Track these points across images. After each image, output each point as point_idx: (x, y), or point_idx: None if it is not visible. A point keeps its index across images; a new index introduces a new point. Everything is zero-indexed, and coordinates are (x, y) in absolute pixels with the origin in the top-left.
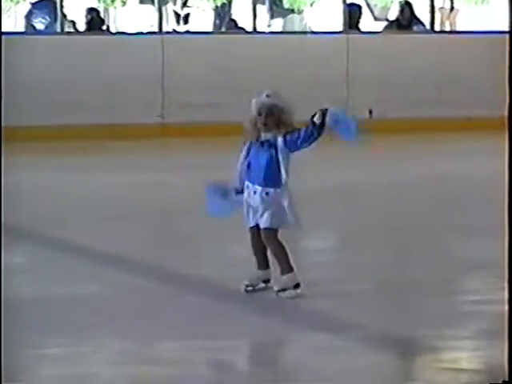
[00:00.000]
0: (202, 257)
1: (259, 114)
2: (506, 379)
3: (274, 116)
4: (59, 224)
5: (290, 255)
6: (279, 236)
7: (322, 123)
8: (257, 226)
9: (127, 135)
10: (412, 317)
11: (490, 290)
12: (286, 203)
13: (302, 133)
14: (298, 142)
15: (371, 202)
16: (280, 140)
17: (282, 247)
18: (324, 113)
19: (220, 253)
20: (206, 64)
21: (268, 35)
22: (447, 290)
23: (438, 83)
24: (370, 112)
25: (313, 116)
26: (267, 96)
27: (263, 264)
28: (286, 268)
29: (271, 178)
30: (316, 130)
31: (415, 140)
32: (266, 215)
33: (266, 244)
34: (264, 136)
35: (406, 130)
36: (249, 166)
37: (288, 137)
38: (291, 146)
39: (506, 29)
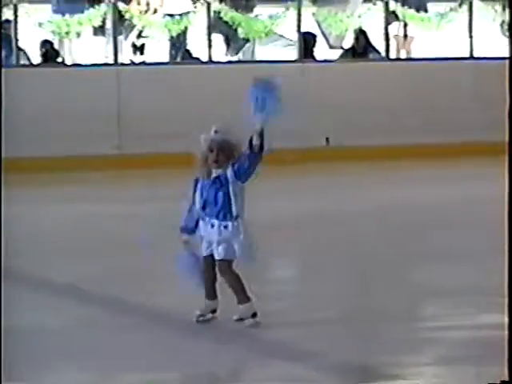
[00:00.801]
0: (161, 289)
1: (210, 150)
2: (506, 379)
3: (224, 152)
4: (18, 256)
5: (245, 285)
6: (234, 267)
7: (261, 144)
8: (210, 256)
9: (85, 166)
10: (373, 345)
11: (448, 316)
12: (241, 236)
13: (247, 159)
14: (247, 169)
15: (330, 231)
16: (230, 174)
17: (238, 278)
18: (261, 133)
19: (179, 284)
20: (162, 94)
21: (223, 65)
22: (407, 316)
23: (395, 110)
24: (327, 140)
25: (251, 139)
26: (215, 132)
27: (211, 294)
28: (243, 298)
29: (227, 211)
30: (257, 152)
31: (372, 168)
32: (220, 247)
33: (221, 275)
34: (215, 172)
35: (363, 157)
36: (204, 202)
37: (236, 167)
38: (241, 177)
39: (461, 55)
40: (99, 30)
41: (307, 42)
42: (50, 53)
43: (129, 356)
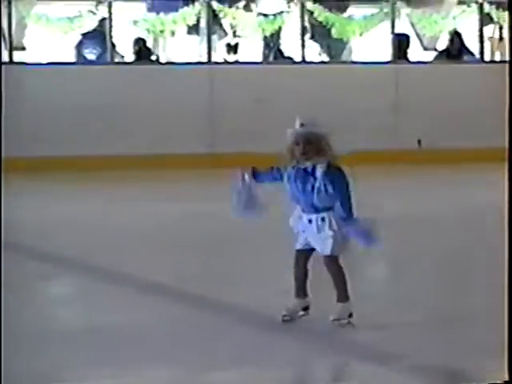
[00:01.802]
0: (247, 287)
1: (297, 143)
2: (506, 379)
3: (312, 145)
4: (105, 254)
5: (348, 283)
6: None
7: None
8: (306, 250)
9: (176, 165)
10: (459, 348)
11: None
12: (336, 226)
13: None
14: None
15: (420, 233)
16: (320, 171)
17: (343, 274)
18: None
19: (267, 282)
20: (255, 94)
21: (316, 65)
22: (495, 321)
23: (488, 113)
24: (419, 142)
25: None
26: (301, 125)
27: (302, 291)
28: (343, 296)
29: (322, 203)
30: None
31: (465, 170)
32: (327, 242)
33: (328, 270)
34: (303, 165)
35: (456, 160)
36: (295, 193)
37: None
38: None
39: None
40: (193, 29)
41: (401, 43)
42: (142, 51)
43: (216, 355)
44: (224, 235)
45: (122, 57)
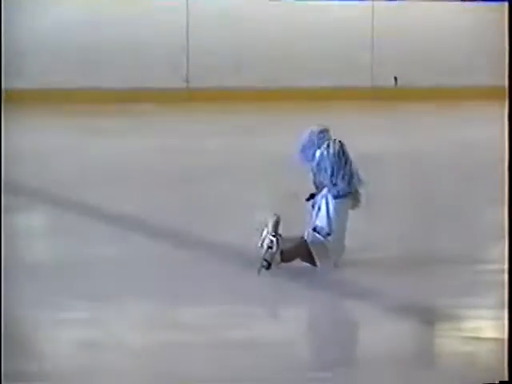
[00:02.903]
0: (226, 223)
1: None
2: (506, 379)
3: None
4: (82, 187)
5: None
6: None
7: None
8: None
9: (152, 99)
10: (434, 286)
11: None
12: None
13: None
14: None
15: (397, 171)
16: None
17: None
18: None
19: (245, 219)
20: (232, 28)
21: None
22: (470, 259)
23: (468, 51)
24: (395, 79)
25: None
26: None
27: None
28: None
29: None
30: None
31: (440, 108)
32: None
33: None
34: None
35: (430, 97)
36: None
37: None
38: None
39: None
40: None
41: None
42: None
43: (187, 290)
44: (199, 170)
45: None
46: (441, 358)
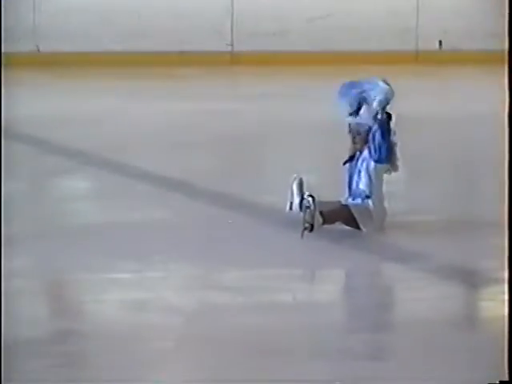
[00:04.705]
0: (269, 186)
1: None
2: (506, 379)
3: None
4: (126, 150)
5: None
6: None
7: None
8: None
9: (196, 63)
10: (477, 248)
11: None
12: None
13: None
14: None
15: (440, 135)
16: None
17: None
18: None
19: (288, 181)
20: None
21: None
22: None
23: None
24: (440, 43)
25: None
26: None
27: None
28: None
29: None
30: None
31: (485, 72)
32: None
33: None
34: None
35: (476, 61)
36: None
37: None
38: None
39: None
40: None
41: None
42: None
43: (231, 252)
44: (245, 133)
45: None
46: (485, 321)
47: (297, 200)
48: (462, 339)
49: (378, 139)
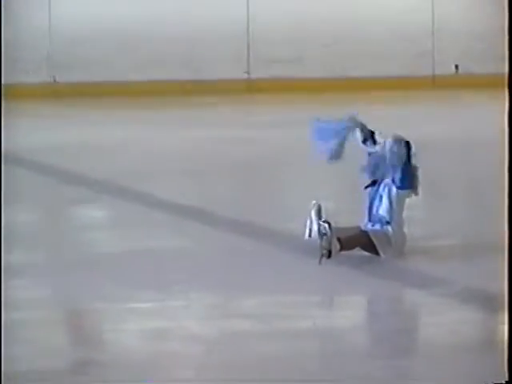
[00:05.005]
0: (288, 213)
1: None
2: (506, 379)
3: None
4: (143, 179)
5: None
6: None
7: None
8: None
9: (214, 90)
10: (496, 272)
11: None
12: None
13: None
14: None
15: (459, 158)
16: None
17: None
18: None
19: (306, 208)
20: (293, 16)
21: None
22: None
23: None
24: (456, 67)
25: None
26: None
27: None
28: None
29: None
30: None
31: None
32: None
33: None
34: None
35: (493, 85)
36: None
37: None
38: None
39: None
40: None
41: None
42: None
43: (251, 280)
44: (262, 160)
45: None
46: (504, 345)
47: (315, 226)
48: (482, 364)
49: (401, 165)
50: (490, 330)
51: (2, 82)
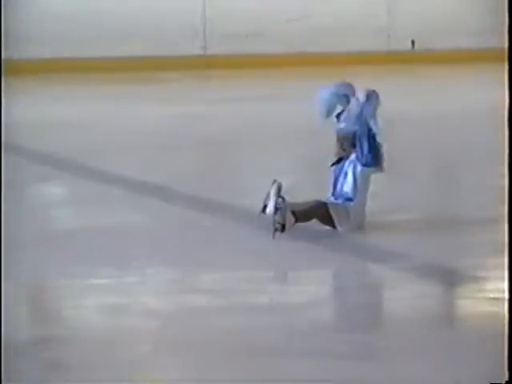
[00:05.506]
0: (245, 187)
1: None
2: (506, 379)
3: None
4: (101, 155)
5: None
6: None
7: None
8: None
9: (170, 67)
10: (456, 247)
11: None
12: None
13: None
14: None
15: (416, 133)
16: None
17: None
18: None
19: (264, 183)
20: None
21: None
22: (491, 219)
23: (483, 13)
24: (413, 43)
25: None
26: None
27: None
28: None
29: None
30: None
31: (458, 71)
32: None
33: None
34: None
35: (449, 60)
36: None
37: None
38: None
39: None
40: None
41: None
42: None
43: (208, 255)
44: (222, 136)
45: None
46: (463, 319)
47: (272, 203)
48: (441, 338)
49: (365, 143)
50: (449, 304)
51: None
